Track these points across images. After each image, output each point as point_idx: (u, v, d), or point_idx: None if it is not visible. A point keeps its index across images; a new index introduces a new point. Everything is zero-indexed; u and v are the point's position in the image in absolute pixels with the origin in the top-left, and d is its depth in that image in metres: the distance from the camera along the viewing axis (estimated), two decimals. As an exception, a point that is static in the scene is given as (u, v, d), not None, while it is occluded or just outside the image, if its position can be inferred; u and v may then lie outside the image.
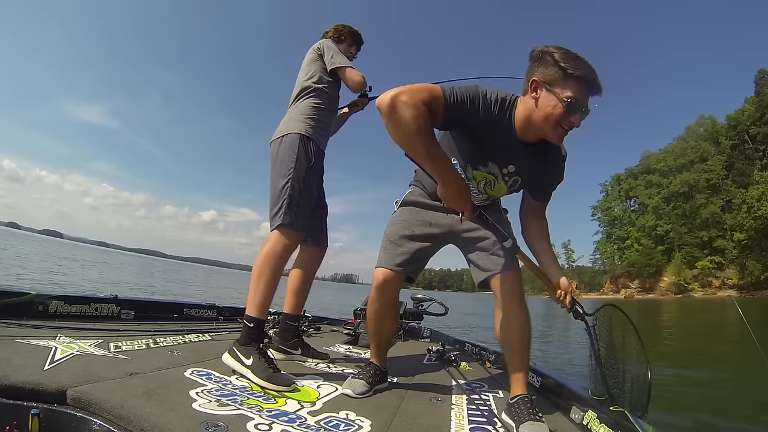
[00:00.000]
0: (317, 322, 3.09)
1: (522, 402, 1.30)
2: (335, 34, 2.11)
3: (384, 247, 1.57)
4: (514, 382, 1.38)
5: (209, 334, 2.12)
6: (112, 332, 1.78)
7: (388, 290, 1.52)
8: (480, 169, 1.35)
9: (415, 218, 1.57)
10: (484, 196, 1.46)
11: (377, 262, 1.55)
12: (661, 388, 3.60)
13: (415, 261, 1.54)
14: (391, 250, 1.53)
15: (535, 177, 1.38)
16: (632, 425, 1.13)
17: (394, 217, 1.63)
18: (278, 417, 1.09)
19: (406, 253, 1.52)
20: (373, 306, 1.55)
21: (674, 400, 3.43)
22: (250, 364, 1.42)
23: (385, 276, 1.50)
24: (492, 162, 1.33)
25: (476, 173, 1.37)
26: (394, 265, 1.50)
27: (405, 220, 1.58)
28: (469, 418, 1.33)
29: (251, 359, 1.43)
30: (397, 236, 1.55)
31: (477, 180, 1.39)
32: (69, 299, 2.02)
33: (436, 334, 3.18)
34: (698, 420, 3.03)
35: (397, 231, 1.57)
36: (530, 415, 1.24)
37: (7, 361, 1.13)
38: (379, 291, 1.52)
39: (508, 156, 1.31)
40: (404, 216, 1.59)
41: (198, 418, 0.99)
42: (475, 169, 1.36)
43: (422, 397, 1.53)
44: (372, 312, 1.56)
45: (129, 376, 1.21)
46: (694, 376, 4.61)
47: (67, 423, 0.95)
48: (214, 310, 2.76)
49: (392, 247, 1.54)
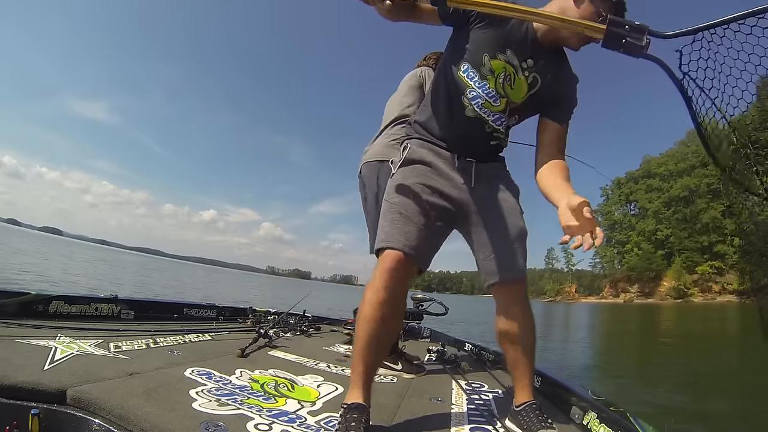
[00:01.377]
0: (317, 322, 3.09)
1: (530, 409, 1.21)
2: (435, 62, 2.14)
3: (392, 220, 1.19)
4: (520, 389, 1.26)
5: (209, 334, 2.12)
6: (112, 332, 1.78)
7: (402, 279, 1.15)
8: (499, 58, 1.22)
9: (426, 183, 1.24)
10: (501, 104, 1.26)
11: (382, 242, 1.18)
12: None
13: (426, 247, 1.22)
14: (404, 226, 1.17)
15: (553, 83, 1.27)
16: (632, 425, 1.13)
17: (396, 180, 1.27)
18: (278, 417, 1.09)
19: (419, 232, 1.18)
20: (379, 297, 1.11)
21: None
22: (400, 368, 1.90)
23: (398, 260, 1.14)
24: (510, 50, 1.22)
25: (495, 63, 1.22)
26: (407, 245, 1.15)
27: (413, 185, 1.23)
28: (469, 418, 1.32)
29: (399, 365, 1.93)
30: (407, 207, 1.20)
31: (496, 73, 1.22)
32: (69, 299, 2.02)
33: (436, 334, 3.18)
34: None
35: (405, 200, 1.21)
36: (540, 422, 1.15)
37: (7, 361, 1.12)
38: (393, 277, 1.13)
39: (527, 49, 1.23)
40: (410, 179, 1.24)
41: (198, 417, 0.99)
42: (494, 58, 1.22)
43: (422, 397, 1.53)
44: (374, 307, 1.11)
45: (129, 376, 1.21)
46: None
47: (67, 423, 0.95)
48: (214, 310, 2.77)
49: (404, 221, 1.18)
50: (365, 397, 1.10)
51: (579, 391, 1.50)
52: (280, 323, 2.66)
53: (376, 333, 1.12)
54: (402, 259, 1.14)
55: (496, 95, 1.25)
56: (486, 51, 1.23)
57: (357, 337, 1.14)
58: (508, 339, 1.26)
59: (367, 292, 1.14)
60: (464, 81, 1.26)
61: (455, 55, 1.28)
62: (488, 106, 1.26)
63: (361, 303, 1.15)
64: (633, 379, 4.97)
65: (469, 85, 1.26)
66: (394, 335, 1.29)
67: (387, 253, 1.15)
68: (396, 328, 1.27)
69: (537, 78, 1.25)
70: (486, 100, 1.25)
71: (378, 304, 1.11)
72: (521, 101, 1.27)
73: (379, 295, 1.12)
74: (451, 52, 1.30)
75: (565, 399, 1.51)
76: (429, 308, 3.30)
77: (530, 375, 1.27)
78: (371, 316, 1.11)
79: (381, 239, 1.19)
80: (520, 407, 1.23)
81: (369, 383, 1.13)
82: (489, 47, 1.22)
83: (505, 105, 1.26)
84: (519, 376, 1.27)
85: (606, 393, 1.50)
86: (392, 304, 1.13)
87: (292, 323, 2.78)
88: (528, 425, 1.17)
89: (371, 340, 1.12)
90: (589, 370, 5.39)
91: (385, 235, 1.18)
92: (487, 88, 1.24)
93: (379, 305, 1.11)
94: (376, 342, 1.13)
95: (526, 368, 1.26)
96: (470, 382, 1.82)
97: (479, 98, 1.25)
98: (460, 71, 1.26)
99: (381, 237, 1.19)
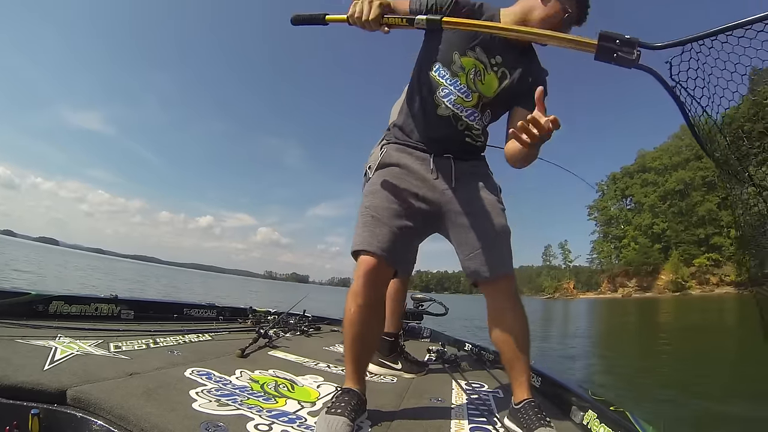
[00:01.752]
0: (317, 322, 3.09)
1: (529, 407, 1.21)
2: None
3: (364, 223, 1.23)
4: (518, 387, 1.26)
5: (209, 334, 2.12)
6: (112, 332, 1.77)
7: (378, 281, 1.20)
8: (469, 55, 1.28)
9: (400, 185, 1.28)
10: (473, 99, 1.30)
11: (356, 244, 1.21)
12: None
13: (401, 248, 1.24)
14: (374, 227, 1.21)
15: (522, 78, 1.31)
16: (632, 425, 1.13)
17: (371, 183, 1.32)
18: (278, 417, 1.09)
19: (391, 234, 1.21)
20: (357, 301, 1.17)
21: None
22: (400, 367, 1.88)
23: (372, 262, 1.18)
24: (479, 47, 1.27)
25: (465, 60, 1.28)
26: (379, 248, 1.18)
27: (388, 188, 1.28)
28: (469, 418, 1.32)
29: (399, 364, 1.90)
30: (380, 209, 1.24)
31: (467, 69, 1.28)
32: (69, 299, 2.02)
33: (436, 334, 3.18)
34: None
35: (380, 203, 1.25)
36: (540, 420, 1.16)
37: (7, 361, 1.12)
38: (368, 281, 1.17)
39: (495, 46, 1.28)
40: (385, 182, 1.29)
41: (198, 418, 0.99)
42: (463, 55, 1.28)
43: (422, 397, 1.53)
44: (354, 310, 1.17)
45: (129, 376, 1.21)
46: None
47: (67, 423, 0.95)
48: (214, 310, 2.76)
49: (375, 223, 1.22)
50: (359, 386, 1.20)
51: (578, 390, 1.50)
52: (280, 323, 2.66)
53: (359, 334, 1.20)
54: (375, 262, 1.18)
55: (467, 90, 1.29)
56: (456, 49, 1.28)
57: (344, 337, 1.23)
58: (501, 337, 1.28)
59: (348, 296, 1.20)
60: (436, 80, 1.31)
61: (427, 55, 1.33)
62: (460, 101, 1.30)
63: (345, 306, 1.22)
64: (633, 376, 4.98)
65: (441, 83, 1.30)
66: (378, 332, 1.32)
67: (361, 257, 1.20)
68: (380, 325, 1.30)
69: (506, 73, 1.30)
70: (458, 96, 1.30)
71: (357, 307, 1.18)
72: (493, 95, 1.32)
73: (357, 299, 1.18)
74: (424, 53, 1.35)
75: (565, 399, 1.51)
76: (429, 308, 3.31)
77: (527, 372, 1.28)
78: (352, 320, 1.19)
79: (355, 243, 1.23)
80: (519, 405, 1.23)
81: (361, 374, 1.23)
82: (459, 45, 1.28)
83: (477, 100, 1.31)
84: (515, 374, 1.28)
85: (607, 392, 1.50)
86: (371, 305, 1.19)
87: (292, 323, 2.78)
88: (527, 423, 1.18)
89: (356, 339, 1.21)
90: (589, 368, 5.41)
91: (359, 238, 1.22)
92: (459, 84, 1.29)
93: (358, 308, 1.18)
94: (360, 341, 1.21)
95: (521, 365, 1.27)
96: (470, 382, 1.82)
97: (451, 95, 1.30)
98: (432, 71, 1.31)
99: (355, 241, 1.23)
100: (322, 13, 1.25)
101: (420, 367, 1.97)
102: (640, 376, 4.88)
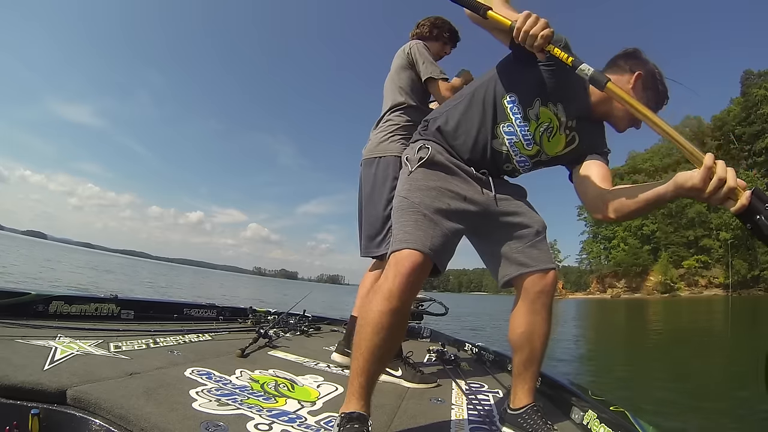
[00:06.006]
0: (317, 322, 3.09)
1: (533, 412, 1.18)
2: (429, 29, 2.01)
3: (416, 221, 1.11)
4: (526, 392, 1.22)
5: (209, 334, 2.12)
6: (112, 332, 1.78)
7: (419, 284, 1.06)
8: (549, 107, 1.20)
9: (446, 187, 1.18)
10: (532, 150, 1.25)
11: (402, 242, 1.07)
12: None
13: (447, 248, 1.15)
14: (428, 229, 1.10)
15: (585, 149, 1.29)
16: (632, 425, 1.13)
17: (415, 179, 1.19)
18: (278, 417, 1.09)
19: (444, 237, 1.11)
20: (392, 303, 0.99)
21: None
22: (400, 374, 1.71)
23: (418, 261, 1.04)
24: (561, 104, 1.20)
25: (543, 111, 1.20)
26: (429, 248, 1.06)
27: (436, 188, 1.17)
28: (469, 418, 1.33)
29: (400, 370, 1.72)
30: (432, 209, 1.13)
31: (540, 120, 1.21)
32: (69, 299, 2.02)
33: (436, 334, 3.18)
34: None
35: (429, 202, 1.14)
36: (544, 426, 1.14)
37: (7, 361, 1.12)
38: (410, 282, 1.02)
39: (576, 109, 1.22)
40: (433, 182, 1.18)
41: (198, 417, 0.98)
42: (544, 105, 1.19)
43: (422, 397, 1.53)
44: (386, 313, 0.99)
45: (129, 376, 1.21)
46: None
47: (67, 423, 0.95)
48: (214, 310, 2.77)
49: (428, 224, 1.11)
50: (366, 408, 0.98)
51: (578, 391, 1.50)
52: (280, 323, 2.66)
53: (383, 343, 0.99)
54: (422, 263, 1.04)
55: (531, 141, 1.23)
56: (539, 95, 1.19)
57: (358, 345, 1.00)
58: (526, 338, 1.20)
59: (376, 296, 1.01)
60: (506, 112, 1.22)
61: (506, 80, 1.22)
62: (520, 146, 1.24)
63: (364, 306, 1.04)
64: (629, 376, 4.98)
65: (510, 119, 1.22)
66: (399, 345, 1.24)
67: (408, 255, 1.04)
68: (401, 337, 1.16)
69: (575, 138, 1.26)
70: (520, 140, 1.23)
71: (390, 311, 0.99)
72: (552, 156, 1.29)
73: (392, 301, 0.99)
74: (503, 74, 1.24)
75: (565, 399, 1.51)
76: (429, 308, 3.30)
77: (535, 379, 1.25)
78: (380, 324, 0.98)
79: (403, 239, 1.08)
80: (522, 410, 1.21)
81: (370, 394, 1.01)
82: (544, 93, 1.19)
83: (536, 153, 1.26)
84: (526, 378, 1.22)
85: (607, 393, 1.50)
86: (404, 311, 1.03)
87: (292, 323, 2.78)
88: (533, 429, 1.17)
89: (377, 350, 0.98)
90: (584, 367, 5.41)
91: (409, 235, 1.08)
92: (526, 130, 1.22)
93: (391, 313, 0.99)
94: (380, 353, 0.99)
95: (534, 371, 1.23)
96: (470, 383, 1.82)
97: (514, 136, 1.23)
98: (505, 99, 1.22)
99: (403, 237, 1.08)
100: (486, 5, 1.10)
101: (425, 379, 1.74)
102: (636, 376, 4.88)
